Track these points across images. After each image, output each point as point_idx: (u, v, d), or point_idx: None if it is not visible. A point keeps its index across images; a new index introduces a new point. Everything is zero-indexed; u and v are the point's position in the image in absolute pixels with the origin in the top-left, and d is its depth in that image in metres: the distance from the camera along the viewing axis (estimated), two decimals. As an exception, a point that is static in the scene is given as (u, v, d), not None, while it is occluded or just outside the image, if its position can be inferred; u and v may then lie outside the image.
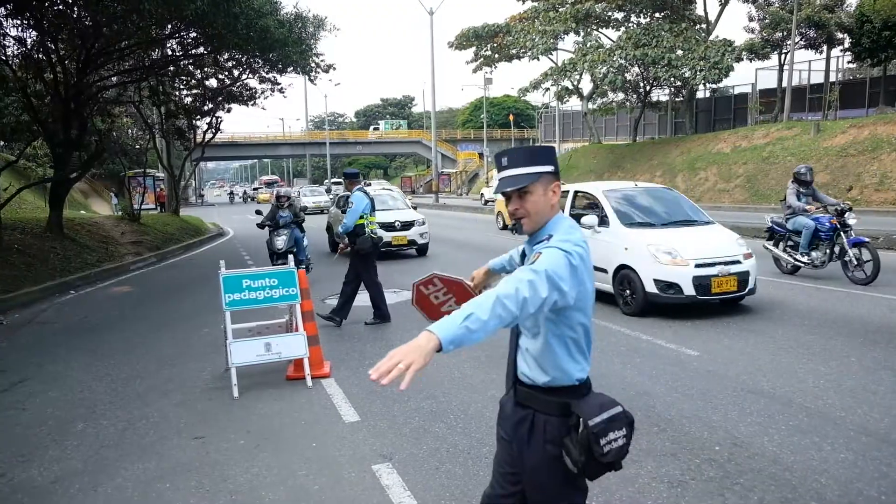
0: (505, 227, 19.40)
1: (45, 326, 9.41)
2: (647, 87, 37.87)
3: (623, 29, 36.37)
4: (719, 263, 7.99)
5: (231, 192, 73.30)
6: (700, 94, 39.34)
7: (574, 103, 48.90)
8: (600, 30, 38.63)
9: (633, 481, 3.95)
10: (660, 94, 40.89)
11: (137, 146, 33.25)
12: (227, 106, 25.61)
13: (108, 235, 18.66)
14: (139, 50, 18.40)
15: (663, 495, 3.78)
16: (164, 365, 7.02)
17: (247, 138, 72.04)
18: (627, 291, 8.41)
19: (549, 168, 2.31)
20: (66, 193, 18.32)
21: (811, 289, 9.52)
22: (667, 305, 8.14)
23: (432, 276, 2.93)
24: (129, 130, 32.38)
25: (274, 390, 6.00)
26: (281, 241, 11.52)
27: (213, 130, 27.46)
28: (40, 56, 15.85)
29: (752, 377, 5.73)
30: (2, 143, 29.85)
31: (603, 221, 8.82)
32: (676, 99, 39.22)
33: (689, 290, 7.88)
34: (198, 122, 27.39)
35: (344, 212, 9.66)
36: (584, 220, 8.62)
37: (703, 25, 35.44)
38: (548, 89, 40.37)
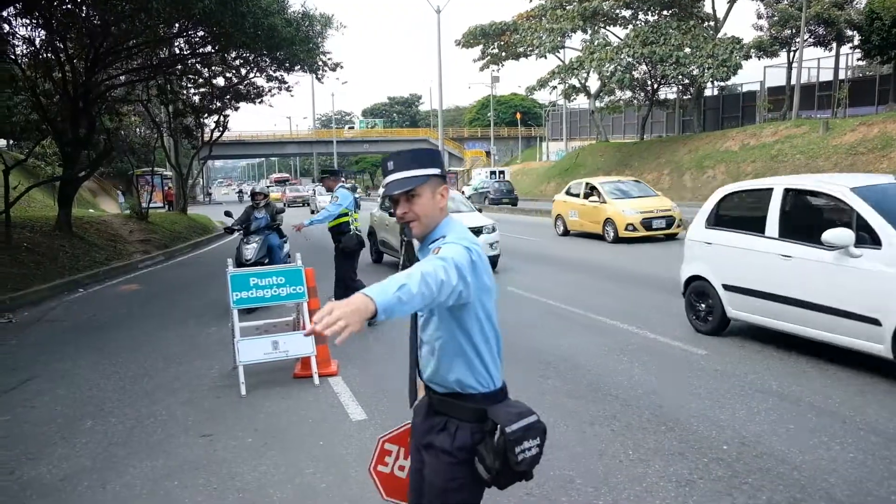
0: (566, 233, 18.48)
1: (53, 324, 9.46)
2: (655, 85, 37.73)
3: (631, 27, 36.23)
4: None
5: (240, 191, 69.87)
6: (708, 92, 39.17)
7: (581, 101, 48.80)
8: (608, 28, 38.51)
9: (640, 480, 3.94)
10: (667, 92, 40.73)
11: (146, 145, 33.38)
12: (234, 104, 25.68)
13: (117, 234, 18.74)
14: (147, 49, 18.46)
15: (671, 494, 3.77)
16: (172, 363, 7.04)
17: (254, 137, 72.21)
18: None
19: (436, 171, 2.30)
20: (75, 192, 18.40)
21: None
22: None
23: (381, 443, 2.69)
24: (138, 129, 32.46)
25: (281, 388, 6.01)
26: (250, 251, 9.90)
27: (221, 129, 27.53)
28: (49, 55, 15.92)
29: (761, 376, 5.70)
30: (11, 141, 30.04)
31: (863, 238, 5.56)
32: (684, 97, 39.04)
33: None
34: (205, 121, 27.45)
35: (391, 214, 9.48)
36: (827, 236, 5.56)
37: (712, 23, 35.26)
38: (555, 87, 40.26)
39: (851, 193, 5.81)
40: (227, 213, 11.64)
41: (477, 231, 11.84)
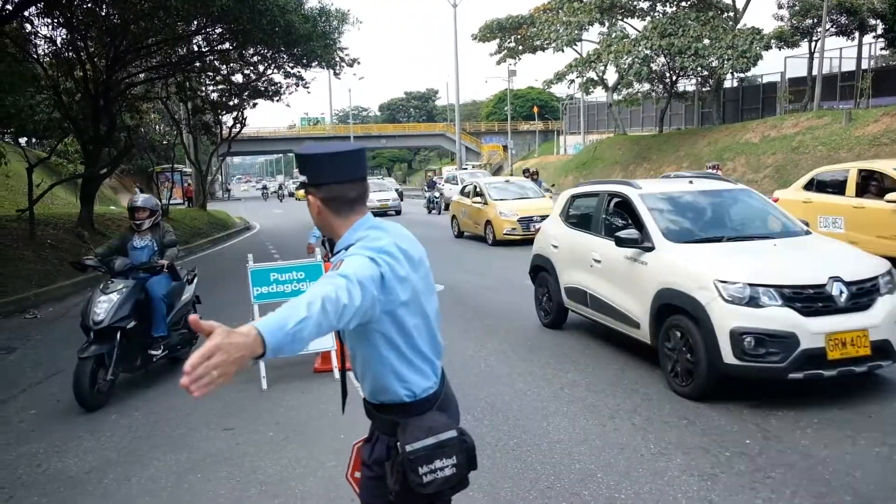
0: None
1: (77, 320, 9.56)
2: (674, 78, 37.38)
3: (648, 18, 35.87)
4: None
5: (264, 187, 59.76)
6: (727, 84, 38.72)
7: (599, 94, 48.44)
8: (625, 20, 38.18)
9: (662, 474, 3.92)
10: (686, 85, 40.31)
11: (165, 142, 33.67)
12: (252, 102, 25.82)
13: (138, 230, 18.91)
14: (166, 46, 18.60)
15: (693, 488, 3.74)
16: (194, 357, 7.09)
17: (272, 133, 72.61)
18: None
19: (304, 178, 2.09)
20: (97, 189, 18.62)
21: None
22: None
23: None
24: (157, 126, 32.77)
25: (301, 383, 6.05)
26: (102, 309, 5.83)
27: (239, 125, 27.71)
28: (70, 54, 16.11)
29: (784, 370, 5.64)
30: (34, 140, 30.43)
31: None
32: (703, 89, 38.62)
33: None
34: (224, 118, 27.65)
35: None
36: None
37: (731, 13, 34.84)
38: (572, 81, 39.97)
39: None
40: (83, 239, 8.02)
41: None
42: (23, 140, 29.14)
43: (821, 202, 10.57)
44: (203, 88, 24.93)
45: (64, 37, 16.09)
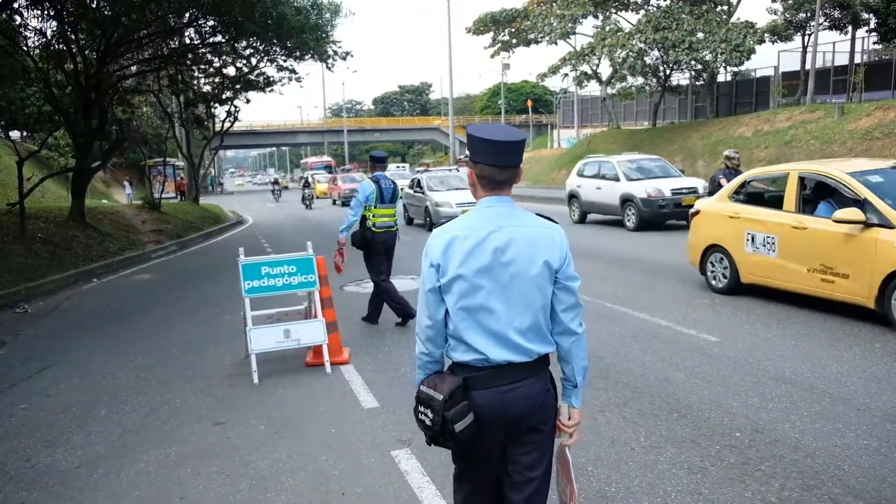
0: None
1: (68, 314, 9.54)
2: (667, 71, 37.38)
3: (642, 12, 35.84)
4: None
5: (275, 182, 45.42)
6: (721, 78, 38.75)
7: (593, 88, 48.46)
8: (619, 13, 38.14)
9: (652, 467, 3.93)
10: (680, 78, 40.32)
11: (157, 135, 33.50)
12: (245, 96, 25.69)
13: (130, 224, 18.86)
14: (158, 39, 18.51)
15: (683, 481, 3.76)
16: (186, 351, 7.09)
17: (265, 126, 72.34)
18: None
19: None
20: (88, 183, 18.52)
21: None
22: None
23: None
24: (149, 120, 32.60)
25: (293, 377, 6.04)
26: None
27: (232, 119, 27.58)
28: (60, 46, 15.98)
29: (774, 363, 5.67)
30: (25, 133, 30.24)
31: None
32: (697, 83, 38.64)
33: None
34: (216, 111, 27.53)
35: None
36: None
37: (725, 7, 34.82)
38: (566, 74, 39.92)
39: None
40: None
41: None
42: (14, 133, 29.01)
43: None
44: (195, 81, 24.81)
45: (54, 29, 15.98)
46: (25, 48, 15.70)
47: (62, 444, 4.74)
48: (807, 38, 34.57)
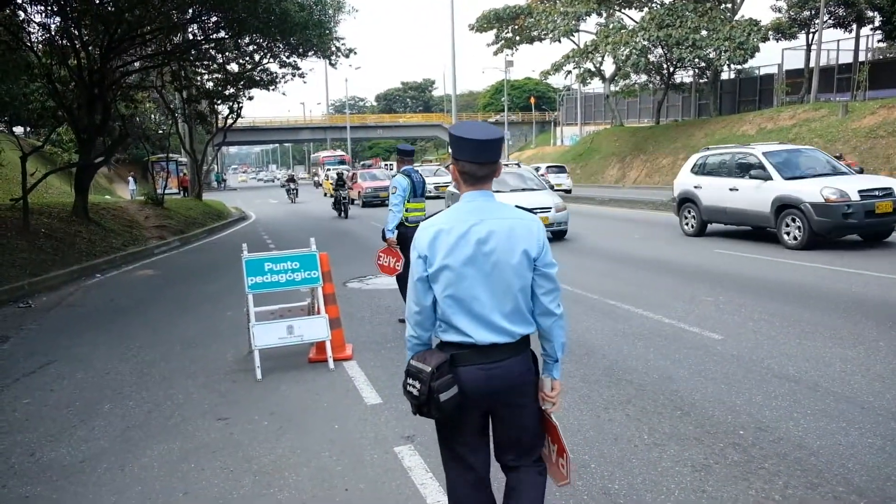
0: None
1: (72, 309, 9.56)
2: (671, 69, 37.35)
3: (646, 9, 35.80)
4: None
5: (290, 179, 37.46)
6: (725, 76, 38.71)
7: (596, 85, 48.43)
8: (623, 10, 38.10)
9: (655, 465, 3.93)
10: (683, 76, 40.32)
11: (160, 131, 33.52)
12: (248, 93, 25.70)
13: (133, 220, 18.88)
14: (161, 35, 18.50)
15: (687, 479, 3.75)
16: (189, 347, 7.09)
17: (268, 123, 72.35)
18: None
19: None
20: (92, 178, 18.55)
21: (839, 272, 9.37)
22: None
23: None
24: (152, 115, 32.63)
25: (296, 373, 6.04)
26: None
27: (235, 115, 27.59)
28: (64, 42, 15.99)
29: (778, 361, 5.66)
30: (28, 128, 30.27)
31: None
32: (700, 80, 38.60)
33: None
34: (219, 107, 27.53)
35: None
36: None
37: (729, 5, 34.76)
38: (570, 72, 39.92)
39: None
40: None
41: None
42: (18, 129, 29.05)
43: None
44: (198, 78, 24.82)
45: (57, 24, 15.98)
46: (29, 44, 15.71)
47: (66, 439, 4.75)
48: (811, 35, 34.49)
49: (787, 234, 11.52)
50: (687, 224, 14.15)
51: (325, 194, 35.84)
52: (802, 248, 11.11)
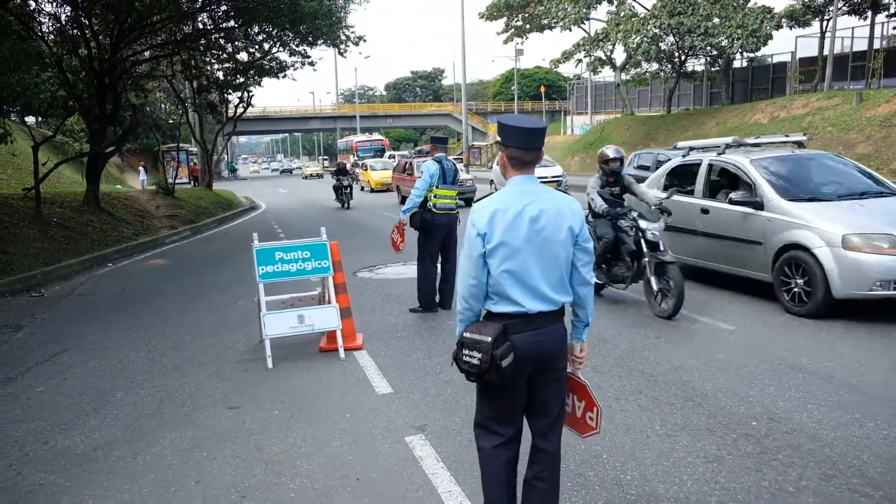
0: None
1: (84, 298, 9.61)
2: (683, 57, 37.00)
3: (658, -3, 35.43)
4: None
5: (340, 170, 24.96)
6: (737, 64, 38.29)
7: (607, 74, 48.04)
8: (634, -2, 37.72)
9: (668, 456, 3.91)
10: (695, 64, 39.91)
11: (171, 121, 33.58)
12: (258, 80, 25.67)
13: (144, 209, 18.95)
14: (171, 24, 18.49)
15: (699, 470, 3.73)
16: (200, 336, 7.12)
17: (278, 112, 72.39)
18: None
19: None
20: (103, 168, 18.61)
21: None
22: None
23: None
24: (163, 105, 32.68)
25: (307, 362, 6.05)
26: None
27: (245, 104, 27.59)
28: (75, 32, 16.01)
29: (791, 352, 5.61)
30: (40, 118, 30.40)
31: None
32: (712, 69, 38.22)
33: None
34: (229, 96, 27.54)
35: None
36: None
37: (742, -8, 34.35)
38: (580, 60, 39.58)
39: None
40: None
41: None
42: (30, 119, 29.17)
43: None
44: (208, 67, 24.82)
45: (68, 14, 15.99)
46: (40, 33, 15.73)
47: (79, 427, 4.78)
48: (825, 23, 34.07)
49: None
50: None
51: (362, 188, 32.60)
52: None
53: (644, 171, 14.61)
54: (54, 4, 15.99)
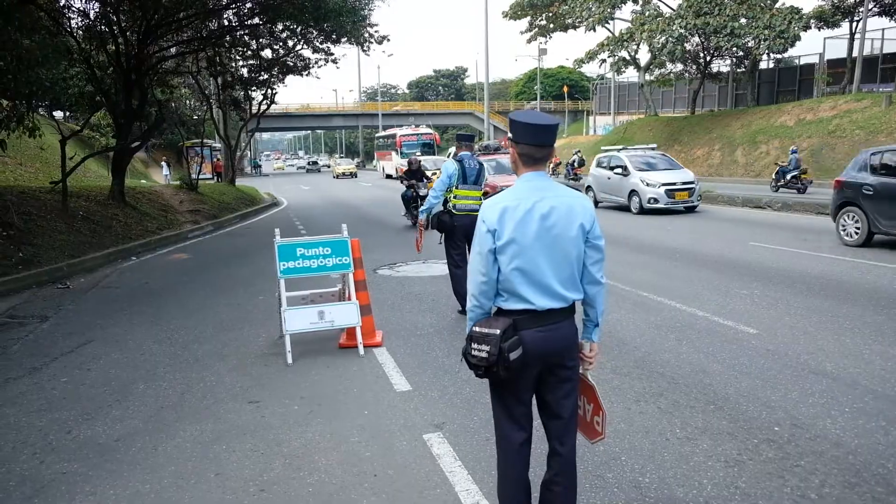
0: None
1: (108, 291, 9.74)
2: (708, 58, 36.62)
3: (684, -4, 35.09)
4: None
5: (413, 171, 16.65)
6: (763, 65, 37.84)
7: (630, 74, 47.75)
8: (660, -2, 37.40)
9: (687, 459, 3.87)
10: (720, 65, 39.49)
11: (195, 116, 33.89)
12: (281, 77, 25.82)
13: (168, 204, 19.15)
14: (197, 21, 18.65)
15: (719, 474, 3.69)
16: (221, 330, 7.18)
17: (301, 109, 72.78)
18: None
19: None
20: (128, 162, 18.84)
21: (880, 267, 9.14)
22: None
23: None
24: (188, 101, 32.97)
25: (327, 358, 6.08)
26: None
27: (268, 101, 27.76)
28: (103, 28, 16.21)
29: (815, 357, 5.54)
30: (67, 113, 30.83)
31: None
32: (738, 70, 37.79)
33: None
34: (253, 93, 27.74)
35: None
36: None
37: (769, -8, 33.90)
38: (604, 60, 39.34)
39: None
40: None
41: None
42: (58, 113, 29.59)
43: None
44: (233, 64, 25.01)
45: (97, 10, 16.20)
46: (69, 29, 15.95)
47: (101, 418, 4.85)
48: (855, 24, 33.51)
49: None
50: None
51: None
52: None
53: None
54: (84, 1, 16.21)
